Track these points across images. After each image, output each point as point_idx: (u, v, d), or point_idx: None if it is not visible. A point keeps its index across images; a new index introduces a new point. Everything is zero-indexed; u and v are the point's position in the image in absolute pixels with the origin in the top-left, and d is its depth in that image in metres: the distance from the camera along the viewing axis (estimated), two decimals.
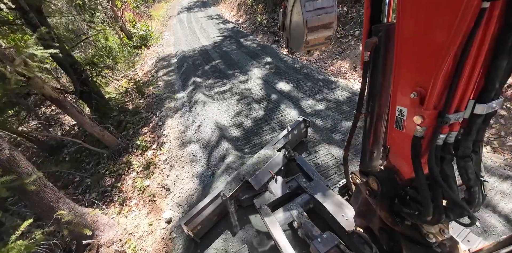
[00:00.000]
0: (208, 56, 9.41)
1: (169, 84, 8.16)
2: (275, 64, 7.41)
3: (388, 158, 1.32)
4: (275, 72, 6.96)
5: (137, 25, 14.03)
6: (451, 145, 1.00)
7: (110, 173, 5.14)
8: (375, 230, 1.63)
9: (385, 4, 1.22)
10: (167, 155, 5.00)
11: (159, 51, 12.18)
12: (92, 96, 6.16)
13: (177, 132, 5.55)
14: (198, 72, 8.08)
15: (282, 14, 1.69)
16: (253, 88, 6.34)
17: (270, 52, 8.45)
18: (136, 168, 4.99)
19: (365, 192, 1.48)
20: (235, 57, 8.66)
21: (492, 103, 0.88)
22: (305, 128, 3.81)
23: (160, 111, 6.60)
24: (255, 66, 7.58)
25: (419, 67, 0.94)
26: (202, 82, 7.25)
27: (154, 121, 6.30)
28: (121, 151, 5.53)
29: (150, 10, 20.52)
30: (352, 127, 1.54)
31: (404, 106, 1.06)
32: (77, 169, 5.89)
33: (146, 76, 9.76)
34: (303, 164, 3.12)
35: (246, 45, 9.76)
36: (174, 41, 12.92)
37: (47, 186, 3.08)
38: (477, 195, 1.05)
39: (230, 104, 5.84)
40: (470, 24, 0.74)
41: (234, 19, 14.83)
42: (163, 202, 4.03)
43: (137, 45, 13.35)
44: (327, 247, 1.96)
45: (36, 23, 4.57)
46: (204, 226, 2.90)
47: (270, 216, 2.52)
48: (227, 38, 11.09)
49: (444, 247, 1.26)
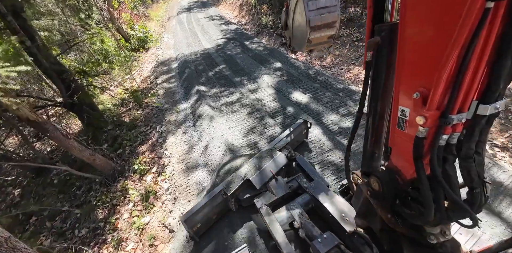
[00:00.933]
0: (212, 60, 8.75)
1: (170, 93, 7.44)
2: (286, 70, 6.75)
3: (389, 159, 1.32)
4: (287, 80, 6.26)
5: (135, 27, 13.42)
6: (454, 145, 1.00)
7: (103, 203, 4.39)
8: (376, 230, 1.63)
9: (387, 3, 1.21)
10: (169, 182, 4.27)
11: (158, 55, 11.54)
12: (83, 109, 5.54)
13: (180, 152, 4.80)
14: (201, 79, 7.41)
15: (285, 13, 1.69)
16: (265, 99, 5.67)
17: (279, 57, 7.81)
18: (133, 197, 4.24)
19: (366, 193, 1.48)
20: (241, 62, 8.00)
21: (495, 104, 0.88)
22: (306, 129, 3.82)
23: (161, 125, 5.92)
24: (264, 73, 6.94)
25: (422, 67, 0.93)
26: (206, 91, 6.57)
27: (154, 137, 5.62)
28: (116, 175, 4.77)
29: (149, 10, 20.09)
30: (353, 127, 1.53)
31: (407, 107, 1.05)
32: (66, 195, 5.13)
33: (145, 82, 9.06)
34: (303, 164, 3.12)
35: (252, 49, 9.11)
36: (174, 44, 12.33)
37: (17, 249, 2.22)
38: (479, 196, 1.04)
39: (240, 119, 5.11)
40: (474, 24, 0.73)
41: (236, 20, 14.25)
42: (166, 248, 3.30)
43: (135, 47, 12.75)
44: (327, 247, 1.96)
45: (15, 27, 4.06)
46: (204, 224, 2.91)
47: (271, 216, 2.52)
48: (230, 41, 10.48)
49: (446, 248, 1.26)
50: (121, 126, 6.39)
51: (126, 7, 14.99)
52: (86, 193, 4.94)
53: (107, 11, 11.63)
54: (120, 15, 13.78)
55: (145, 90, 8.28)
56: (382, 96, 1.36)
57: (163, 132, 5.66)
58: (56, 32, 7.41)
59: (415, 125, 0.99)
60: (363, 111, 1.48)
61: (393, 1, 1.20)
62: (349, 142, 1.61)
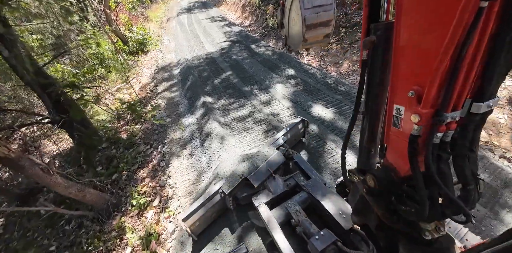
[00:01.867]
0: (217, 66, 8.04)
1: (172, 104, 6.65)
2: (302, 79, 6.07)
3: (385, 156, 1.33)
4: (304, 90, 5.56)
5: (133, 29, 12.75)
6: (448, 143, 1.01)
7: (95, 248, 3.64)
8: (372, 227, 1.65)
9: (383, 2, 1.21)
10: (174, 222, 3.52)
11: (158, 59, 10.82)
12: (74, 126, 4.78)
13: (186, 181, 4.03)
14: (206, 88, 6.71)
15: (281, 11, 1.68)
16: (281, 113, 4.94)
17: (290, 62, 7.14)
18: (132, 241, 3.50)
19: (363, 190, 1.49)
20: (249, 68, 7.32)
21: (489, 102, 0.89)
22: (303, 128, 3.83)
23: (163, 144, 5.12)
24: (277, 81, 6.24)
25: (417, 66, 0.94)
26: (213, 103, 5.87)
27: (155, 159, 4.85)
28: (111, 209, 4.04)
29: (148, 11, 19.47)
30: (349, 125, 1.54)
31: (402, 105, 1.06)
32: (53, 230, 4.42)
33: (144, 90, 8.24)
34: (301, 163, 3.14)
35: (259, 53, 8.38)
36: (175, 47, 11.66)
37: None
38: (473, 193, 1.06)
39: (255, 139, 4.38)
40: (468, 24, 0.74)
41: (239, 22, 13.65)
42: None
43: (133, 50, 12.09)
44: (324, 244, 1.98)
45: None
46: (202, 223, 2.92)
47: (268, 214, 2.54)
48: (235, 44, 9.81)
49: (440, 244, 1.28)
50: (117, 144, 5.58)
51: (124, 8, 14.39)
52: (76, 230, 4.19)
53: (103, 12, 11.01)
54: (117, 17, 13.12)
55: (144, 100, 7.48)
56: (377, 94, 1.37)
57: (165, 153, 4.83)
58: (49, 35, 6.69)
59: (410, 124, 1.00)
60: (359, 110, 1.49)
61: (389, 0, 1.20)
62: (345, 140, 1.63)
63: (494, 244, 1.08)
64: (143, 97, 7.69)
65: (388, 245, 1.55)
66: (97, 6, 10.59)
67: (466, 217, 1.05)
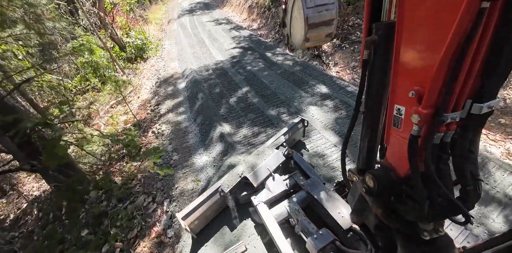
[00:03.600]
0: (229, 79, 6.80)
1: (180, 132, 5.25)
2: (340, 99, 4.83)
3: (385, 156, 1.33)
4: (349, 116, 4.24)
5: (131, 33, 11.67)
6: (448, 144, 1.01)
7: None
8: (371, 227, 1.65)
9: (385, 2, 1.21)
10: None
11: (159, 68, 9.53)
12: (49, 174, 3.74)
13: None
14: (221, 110, 5.46)
15: (283, 10, 1.69)
16: (328, 153, 3.67)
17: (318, 75, 5.95)
18: None
19: (362, 190, 1.49)
20: (269, 83, 6.07)
21: (489, 103, 0.89)
22: (303, 128, 3.83)
23: (169, 198, 3.71)
24: (309, 102, 4.95)
25: (418, 66, 0.94)
26: (233, 135, 4.55)
27: (160, 223, 3.41)
28: None
29: (147, 12, 18.64)
30: (350, 125, 1.55)
31: (402, 105, 1.06)
32: None
33: (143, 109, 6.85)
34: (300, 162, 3.14)
35: (278, 63, 7.17)
36: (178, 54, 10.48)
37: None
38: (472, 193, 1.06)
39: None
40: (469, 24, 0.74)
41: (246, 24, 12.47)
42: None
43: (131, 57, 11.00)
44: (323, 244, 1.99)
45: None
46: (202, 221, 2.92)
47: (267, 213, 2.54)
48: (247, 51, 8.65)
49: (439, 244, 1.28)
50: (109, 193, 4.22)
51: (121, 10, 13.07)
52: None
53: (98, 15, 10.06)
54: (113, 20, 11.90)
55: (143, 123, 6.11)
56: (378, 94, 1.37)
57: (173, 213, 3.43)
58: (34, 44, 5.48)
59: (410, 124, 1.00)
60: (360, 110, 1.49)
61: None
62: (345, 140, 1.63)
63: (494, 244, 1.09)
64: (142, 119, 6.29)
65: (386, 245, 1.56)
66: (90, 9, 9.72)
67: (465, 218, 1.06)
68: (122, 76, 9.26)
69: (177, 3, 22.94)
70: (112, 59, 9.06)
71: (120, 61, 10.44)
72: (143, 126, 5.96)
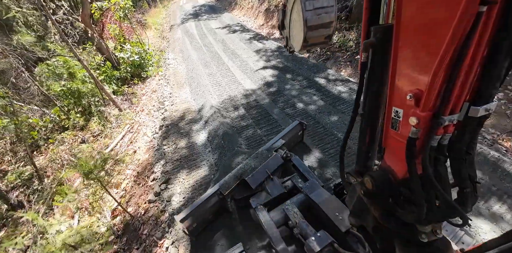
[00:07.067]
0: (277, 128, 4.48)
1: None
2: None
3: (383, 158, 1.34)
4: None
5: (126, 46, 9.20)
6: (445, 146, 1.02)
7: None
8: (369, 229, 1.65)
9: (383, 5, 1.22)
10: None
11: (164, 97, 6.89)
12: None
13: None
14: None
15: (282, 12, 1.70)
16: None
17: None
18: None
19: (360, 192, 1.50)
20: (342, 135, 3.87)
21: (486, 106, 0.90)
22: (301, 131, 3.83)
23: None
24: None
25: (416, 69, 0.95)
26: None
27: None
28: None
29: (145, 16, 16.53)
30: (348, 127, 1.55)
31: (400, 108, 1.07)
32: None
33: (141, 186, 4.26)
34: (299, 165, 3.14)
35: (342, 96, 4.88)
36: (187, 75, 7.84)
37: None
38: (470, 196, 1.07)
39: None
40: (467, 27, 0.75)
41: (265, 32, 10.04)
42: None
43: (127, 76, 8.68)
44: (321, 246, 1.99)
45: None
46: (200, 223, 2.91)
47: (266, 215, 2.54)
48: (285, 74, 6.30)
49: (437, 247, 1.28)
50: None
51: (113, 16, 10.02)
52: None
53: (83, 24, 7.68)
54: (103, 29, 9.50)
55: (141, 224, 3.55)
56: (376, 97, 1.38)
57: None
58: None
59: (408, 126, 1.01)
60: (358, 112, 1.50)
61: (389, 3, 1.22)
62: (343, 142, 1.63)
63: (490, 248, 1.09)
64: (137, 216, 3.68)
65: (384, 247, 1.56)
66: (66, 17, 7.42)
67: (462, 220, 1.06)
68: (113, 110, 6.88)
69: (179, 6, 20.93)
70: (99, 88, 6.64)
71: (110, 86, 7.73)
72: (140, 232, 3.31)
